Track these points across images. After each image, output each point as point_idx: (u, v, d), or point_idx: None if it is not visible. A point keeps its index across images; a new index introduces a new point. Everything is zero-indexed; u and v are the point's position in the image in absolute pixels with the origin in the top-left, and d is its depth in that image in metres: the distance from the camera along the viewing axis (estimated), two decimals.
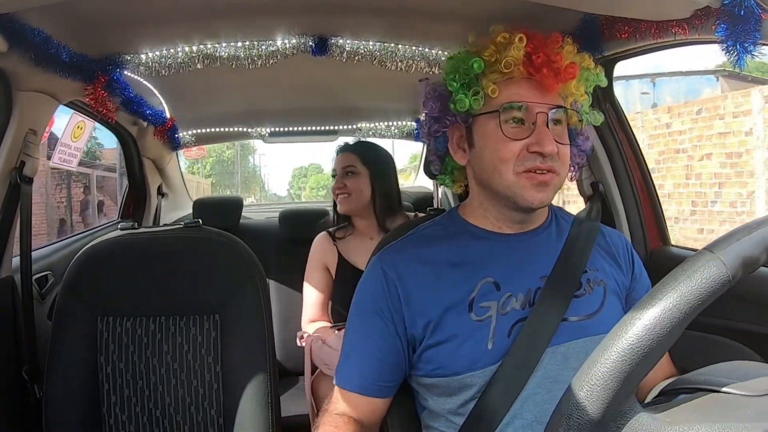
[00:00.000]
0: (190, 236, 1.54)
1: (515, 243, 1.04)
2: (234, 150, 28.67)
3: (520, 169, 0.97)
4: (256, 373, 1.43)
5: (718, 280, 0.56)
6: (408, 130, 3.05)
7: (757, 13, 0.99)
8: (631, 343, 0.55)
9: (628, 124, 1.76)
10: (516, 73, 0.98)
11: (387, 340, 1.01)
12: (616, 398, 0.55)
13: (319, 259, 2.09)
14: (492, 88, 0.99)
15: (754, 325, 1.34)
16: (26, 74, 1.45)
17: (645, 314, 0.56)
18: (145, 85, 2.07)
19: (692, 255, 0.59)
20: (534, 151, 0.96)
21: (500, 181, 0.99)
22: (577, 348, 0.96)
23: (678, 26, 1.17)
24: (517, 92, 0.99)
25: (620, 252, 1.11)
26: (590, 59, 1.05)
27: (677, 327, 0.55)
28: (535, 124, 0.97)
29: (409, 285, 1.01)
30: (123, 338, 1.43)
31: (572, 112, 1.03)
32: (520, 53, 0.97)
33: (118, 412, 1.41)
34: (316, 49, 1.77)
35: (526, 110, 0.98)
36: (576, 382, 0.56)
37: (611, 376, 0.55)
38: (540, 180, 0.97)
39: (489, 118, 1.00)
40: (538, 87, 0.98)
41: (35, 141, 1.58)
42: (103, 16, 1.46)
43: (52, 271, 1.96)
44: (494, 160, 0.99)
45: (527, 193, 0.98)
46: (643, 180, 1.76)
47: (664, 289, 0.57)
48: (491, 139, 1.00)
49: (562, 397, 0.57)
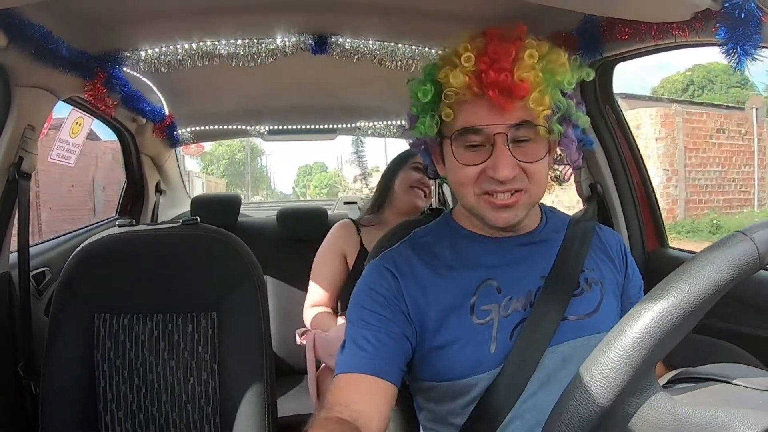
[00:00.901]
0: (187, 234, 1.53)
1: (512, 246, 1.04)
2: (244, 153, 31.93)
3: (479, 192, 0.96)
4: (253, 370, 1.43)
5: (748, 259, 0.57)
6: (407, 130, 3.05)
7: (757, 16, 0.99)
8: (657, 317, 0.55)
9: (627, 126, 1.76)
10: (468, 95, 0.93)
11: (391, 327, 0.97)
12: (636, 374, 0.55)
13: (338, 246, 2.07)
14: (446, 111, 0.96)
15: (753, 328, 1.34)
16: (25, 70, 1.44)
17: (673, 289, 0.56)
18: (144, 81, 2.07)
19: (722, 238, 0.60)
20: (489, 176, 0.94)
21: (465, 201, 1.00)
22: (576, 347, 0.96)
23: (678, 28, 1.17)
24: (474, 113, 0.93)
25: (614, 250, 1.11)
26: (563, 57, 0.97)
27: (705, 302, 0.56)
28: (495, 145, 0.93)
29: (410, 285, 1.00)
30: (120, 335, 1.43)
31: (540, 126, 0.94)
32: (461, 79, 0.91)
33: (114, 409, 1.41)
34: (315, 48, 1.77)
35: (484, 132, 0.93)
36: (593, 358, 0.56)
37: (634, 349, 0.55)
38: (499, 204, 0.95)
39: (448, 141, 0.98)
40: (494, 106, 0.92)
41: (33, 137, 1.58)
42: (102, 12, 1.46)
43: (49, 267, 1.96)
44: (455, 183, 1.00)
45: (490, 215, 0.97)
46: (641, 182, 1.76)
47: (695, 264, 0.57)
48: (451, 163, 0.99)
49: (573, 378, 0.57)
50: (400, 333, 0.96)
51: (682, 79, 29.24)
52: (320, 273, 2.06)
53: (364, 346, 0.94)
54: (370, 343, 0.94)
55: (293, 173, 57.70)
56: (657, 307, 0.55)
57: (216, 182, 26.36)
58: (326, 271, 2.04)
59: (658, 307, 0.55)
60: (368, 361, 0.93)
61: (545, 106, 0.93)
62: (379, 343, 0.94)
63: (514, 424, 0.93)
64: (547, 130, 0.95)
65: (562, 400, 0.57)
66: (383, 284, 1.00)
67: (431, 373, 0.99)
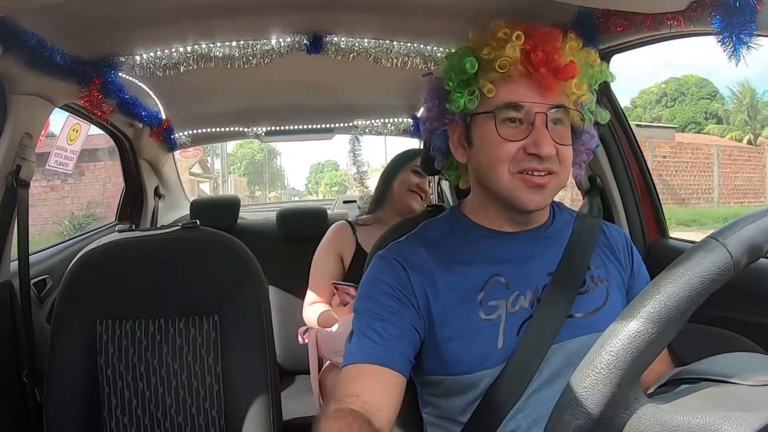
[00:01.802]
0: (187, 237, 1.53)
1: (520, 241, 1.04)
2: (263, 154, 37.83)
3: (515, 170, 0.96)
4: (257, 372, 1.43)
5: (722, 266, 0.56)
6: (404, 127, 3.04)
7: (752, 4, 0.99)
8: (636, 331, 0.55)
9: (625, 118, 1.76)
10: (513, 71, 0.95)
11: (400, 318, 0.96)
12: (621, 387, 0.55)
13: (334, 247, 2.10)
14: (488, 87, 0.97)
15: (753, 316, 1.34)
16: (20, 77, 1.44)
17: (649, 302, 0.56)
18: (140, 86, 2.06)
19: (696, 243, 0.59)
20: (531, 153, 0.95)
21: (497, 181, 0.98)
22: (581, 344, 0.95)
23: (673, 18, 1.16)
24: (515, 91, 0.96)
25: (620, 248, 1.11)
26: (596, 55, 1.03)
27: (682, 315, 0.56)
28: (534, 124, 0.95)
29: (419, 279, 1.00)
30: (122, 340, 1.43)
31: (574, 111, 1.00)
32: (516, 52, 0.94)
33: (119, 414, 1.41)
34: (311, 47, 1.76)
35: (524, 110, 0.95)
36: (580, 371, 0.57)
37: (616, 364, 0.55)
38: (536, 183, 0.96)
39: (486, 117, 0.98)
40: (538, 86, 0.95)
41: (31, 144, 1.58)
42: (96, 17, 1.46)
43: (50, 275, 1.96)
44: (490, 161, 0.98)
45: (523, 195, 0.97)
46: (641, 173, 1.76)
47: (668, 276, 0.57)
48: (488, 139, 0.98)
49: (565, 388, 0.58)
50: (409, 324, 0.96)
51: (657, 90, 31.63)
52: (318, 273, 2.09)
53: (373, 337, 0.94)
54: (378, 334, 0.94)
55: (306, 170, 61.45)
56: (632, 326, 0.56)
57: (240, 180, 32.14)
58: (323, 272, 2.07)
59: (632, 327, 0.56)
60: (377, 352, 0.93)
61: (583, 92, 1.00)
62: (388, 334, 0.94)
63: (518, 420, 0.94)
64: (580, 116, 1.00)
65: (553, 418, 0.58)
66: (392, 275, 1.00)
67: (437, 366, 0.99)
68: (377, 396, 0.89)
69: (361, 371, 0.92)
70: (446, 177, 1.19)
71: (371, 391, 0.89)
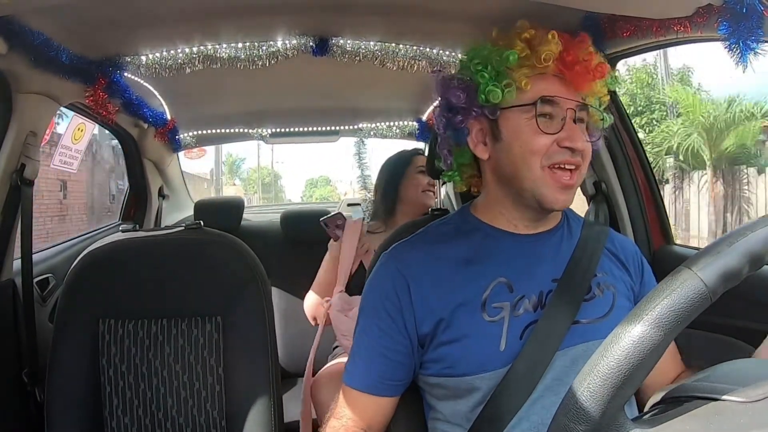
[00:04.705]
0: (191, 238, 1.53)
1: (528, 243, 1.04)
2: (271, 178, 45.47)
3: (547, 163, 0.97)
4: (259, 374, 1.43)
5: (697, 298, 0.55)
6: (409, 130, 3.04)
7: (759, 11, 0.98)
8: (613, 366, 0.54)
9: (630, 122, 1.76)
10: (550, 69, 0.99)
11: (395, 338, 1.00)
12: (604, 417, 0.54)
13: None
14: (525, 81, 0.99)
15: (755, 322, 1.33)
16: (26, 76, 1.45)
17: (625, 337, 0.55)
18: (146, 86, 2.07)
19: (671, 272, 0.58)
20: (565, 146, 0.97)
21: (527, 175, 0.99)
22: (586, 351, 0.95)
23: (680, 24, 1.16)
24: (547, 88, 0.99)
25: (630, 258, 1.11)
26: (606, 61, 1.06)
27: (658, 348, 0.54)
28: (564, 119, 0.98)
29: (420, 282, 1.00)
30: (125, 340, 1.43)
31: (594, 110, 1.04)
32: (557, 48, 0.98)
33: (120, 414, 1.40)
34: (316, 50, 1.76)
35: (557, 105, 0.98)
36: (562, 407, 0.56)
37: (596, 398, 0.54)
38: (565, 183, 0.98)
39: (520, 111, 0.99)
40: (566, 84, 0.99)
41: (35, 143, 1.58)
42: (102, 17, 1.46)
43: (53, 274, 1.96)
44: (524, 153, 0.98)
45: (552, 194, 0.98)
46: (646, 179, 1.75)
47: (644, 309, 0.55)
48: (522, 131, 0.99)
49: (566, 393, 0.57)
50: (401, 351, 1.01)
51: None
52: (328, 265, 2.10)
53: (369, 364, 1.03)
54: (372, 359, 1.02)
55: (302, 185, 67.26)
56: (602, 367, 0.54)
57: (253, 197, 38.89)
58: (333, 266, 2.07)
59: (602, 368, 0.54)
60: (369, 382, 1.02)
61: (605, 93, 1.05)
62: (382, 357, 1.02)
63: (521, 426, 0.93)
64: (601, 116, 1.05)
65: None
66: (391, 295, 1.02)
67: (440, 368, 0.99)
68: (372, 420, 1.03)
69: (356, 397, 1.03)
70: (451, 178, 1.17)
71: (367, 416, 1.03)
